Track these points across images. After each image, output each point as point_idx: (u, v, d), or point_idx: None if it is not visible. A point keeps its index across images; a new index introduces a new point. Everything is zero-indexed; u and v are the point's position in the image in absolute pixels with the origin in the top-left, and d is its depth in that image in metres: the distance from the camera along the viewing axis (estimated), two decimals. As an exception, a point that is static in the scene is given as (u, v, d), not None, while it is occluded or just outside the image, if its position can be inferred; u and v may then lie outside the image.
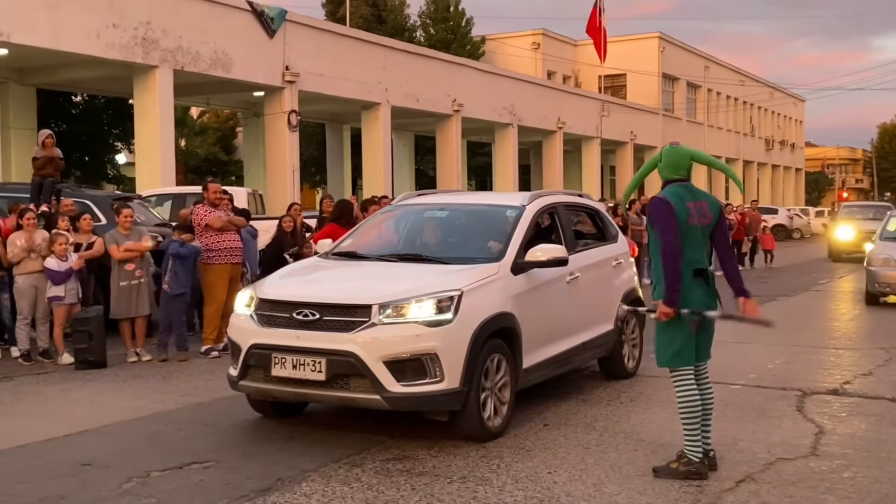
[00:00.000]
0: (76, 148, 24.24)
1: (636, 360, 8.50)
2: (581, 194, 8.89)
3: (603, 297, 7.92)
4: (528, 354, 6.56)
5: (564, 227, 7.56)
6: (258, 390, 6.26)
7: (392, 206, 8.26)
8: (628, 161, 40.03)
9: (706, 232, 5.49)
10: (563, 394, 7.76)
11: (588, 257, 7.76)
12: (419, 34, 40.05)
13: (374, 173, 25.36)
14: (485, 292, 6.18)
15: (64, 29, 16.60)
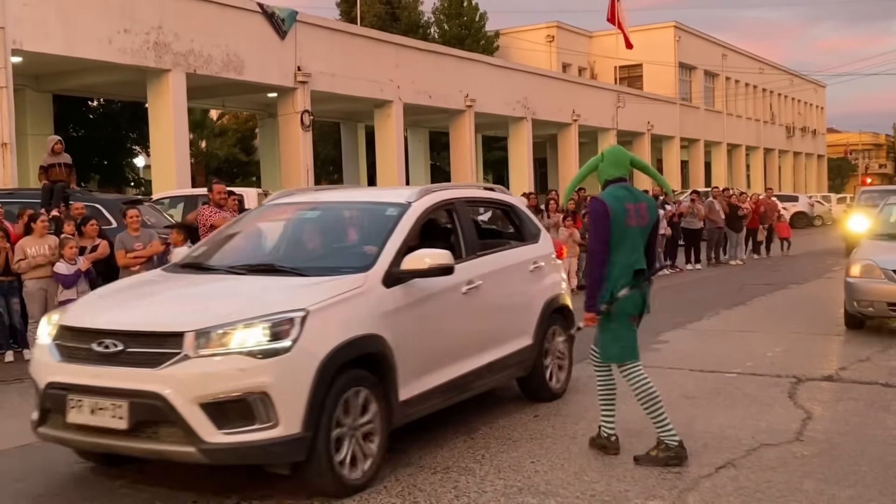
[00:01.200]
0: (95, 152, 24.63)
1: (564, 380, 7.30)
2: (493, 187, 7.66)
3: (517, 307, 6.76)
4: (408, 384, 5.42)
5: (464, 228, 6.42)
6: (57, 439, 5.07)
7: (262, 206, 6.97)
8: (646, 152, 39.92)
9: (644, 233, 5.67)
10: (558, 385, 7.85)
11: (496, 262, 6.59)
12: (433, 30, 40.17)
13: (389, 170, 25.52)
14: (341, 311, 5.04)
15: (76, 35, 16.87)
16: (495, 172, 42.00)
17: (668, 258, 19.75)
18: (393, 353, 5.26)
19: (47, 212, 11.41)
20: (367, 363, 5.14)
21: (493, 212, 8.22)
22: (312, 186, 7.86)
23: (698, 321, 11.82)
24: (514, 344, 6.65)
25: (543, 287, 7.13)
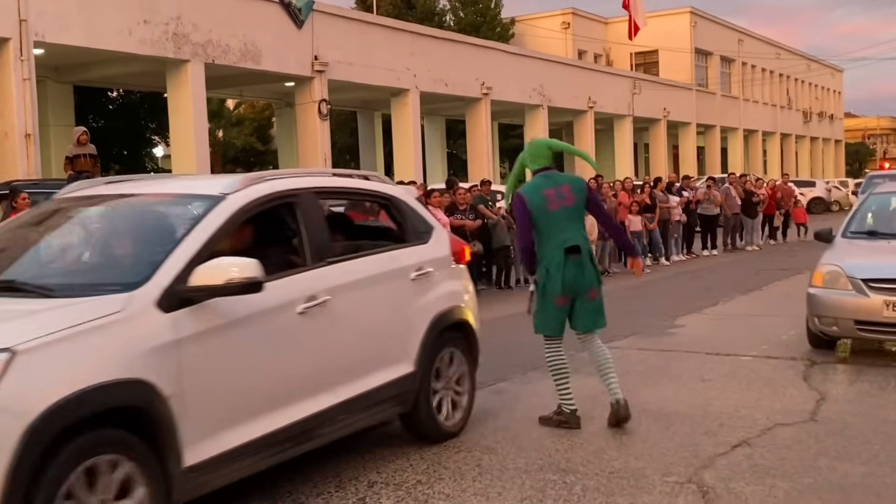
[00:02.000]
0: (114, 143, 24.87)
1: (462, 416, 5.96)
2: (368, 174, 6.18)
3: (389, 327, 5.41)
4: (199, 442, 4.08)
5: (310, 228, 5.05)
6: None
7: (50, 200, 5.51)
8: (662, 138, 39.90)
9: (574, 212, 6.07)
10: (576, 370, 8.01)
11: (356, 270, 5.21)
12: (448, 18, 40.21)
13: (406, 159, 25.66)
14: (78, 348, 3.67)
15: (97, 27, 17.07)
16: (512, 160, 42.08)
17: (685, 244, 19.86)
18: (169, 404, 3.89)
19: (73, 201, 11.65)
20: (125, 420, 3.78)
21: (357, 207, 7.19)
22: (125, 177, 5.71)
23: (714, 306, 11.95)
24: (384, 374, 5.28)
25: (431, 300, 5.71)
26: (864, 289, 7.78)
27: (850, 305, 7.88)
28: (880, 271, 7.87)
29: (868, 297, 7.74)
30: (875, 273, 7.86)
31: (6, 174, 15.69)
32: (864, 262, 8.13)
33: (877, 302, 7.68)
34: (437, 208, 12.70)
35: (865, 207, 9.58)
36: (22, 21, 15.81)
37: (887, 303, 7.65)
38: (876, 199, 9.67)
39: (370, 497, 4.83)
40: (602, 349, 6.19)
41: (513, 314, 12.10)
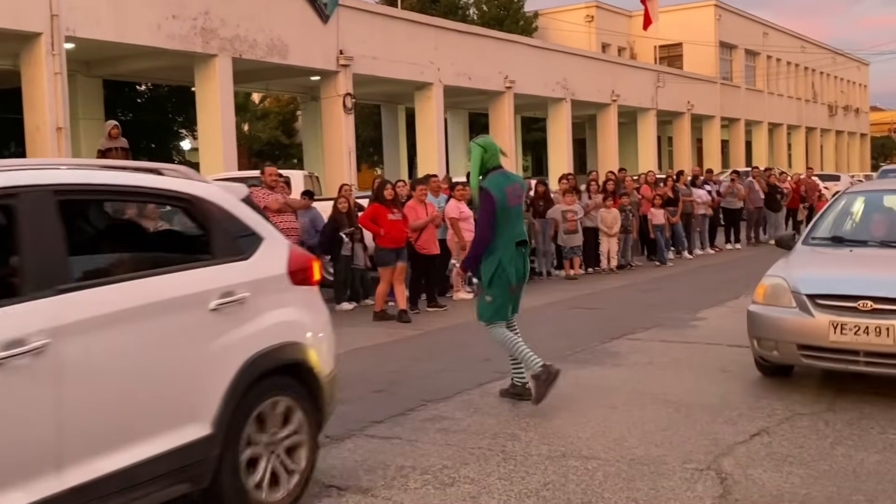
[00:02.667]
0: (143, 136, 25.21)
1: (294, 487, 4.57)
2: (161, 167, 4.59)
3: (168, 376, 3.99)
4: None
5: (36, 241, 3.63)
6: None
7: None
8: (686, 131, 39.82)
9: (520, 209, 6.78)
10: (598, 360, 8.17)
11: (106, 300, 3.78)
12: (472, 12, 40.29)
13: (429, 152, 25.83)
14: None
15: (126, 22, 17.34)
16: (534, 153, 42.17)
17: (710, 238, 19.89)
18: None
19: (106, 194, 11.90)
20: None
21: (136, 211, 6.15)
22: None
23: (736, 299, 12.01)
24: (158, 442, 3.90)
25: (246, 336, 4.32)
26: (808, 306, 6.47)
27: (791, 326, 6.55)
28: (830, 286, 6.58)
29: (812, 317, 6.42)
30: (824, 287, 6.56)
31: (39, 167, 16.03)
32: (813, 275, 6.86)
33: (822, 323, 6.35)
34: (461, 201, 12.85)
35: (834, 209, 8.03)
36: (53, 16, 16.10)
37: (834, 324, 6.30)
38: (848, 200, 8.16)
39: (397, 480, 5.00)
40: (519, 332, 6.82)
41: (537, 306, 12.28)
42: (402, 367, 8.16)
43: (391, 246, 10.91)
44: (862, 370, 6.39)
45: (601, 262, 16.01)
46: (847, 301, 6.36)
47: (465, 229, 12.79)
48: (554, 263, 15.78)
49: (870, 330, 6.21)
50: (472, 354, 8.60)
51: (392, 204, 11.05)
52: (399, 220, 11.02)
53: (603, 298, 12.75)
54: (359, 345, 9.33)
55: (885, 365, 6.27)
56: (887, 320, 6.18)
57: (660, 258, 17.28)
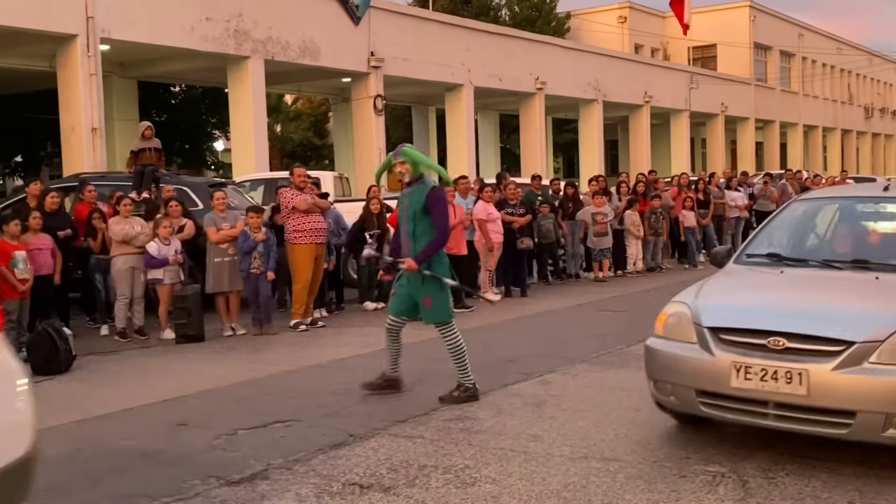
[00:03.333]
0: (176, 136, 25.48)
1: None
2: None
3: None
4: None
5: None
6: None
7: None
8: (719, 133, 39.51)
9: None
10: (623, 363, 8.16)
11: None
12: (504, 13, 40.29)
13: (459, 154, 25.87)
14: None
15: (161, 24, 17.55)
16: (566, 155, 42.04)
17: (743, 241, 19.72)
18: None
19: (138, 194, 12.07)
20: None
21: None
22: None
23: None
24: None
25: None
26: (709, 342, 5.12)
27: (688, 367, 5.23)
28: (737, 317, 5.20)
29: (712, 356, 5.09)
30: (730, 319, 5.19)
31: (73, 167, 16.27)
32: (721, 302, 5.52)
33: (723, 363, 5.02)
34: (489, 203, 12.87)
35: (779, 220, 6.63)
36: (89, 18, 16.33)
37: (738, 366, 4.96)
38: (798, 208, 6.74)
39: (420, 479, 5.04)
40: None
41: (565, 307, 12.26)
42: (426, 367, 8.18)
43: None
44: (771, 425, 5.02)
45: (627, 265, 15.96)
46: (755, 337, 4.97)
47: (493, 231, 12.81)
48: (583, 265, 15.75)
49: (779, 375, 4.82)
50: (496, 355, 8.62)
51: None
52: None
53: (631, 301, 12.71)
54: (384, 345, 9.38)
55: (798, 420, 4.88)
56: (801, 363, 4.79)
57: (690, 261, 17.19)
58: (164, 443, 5.94)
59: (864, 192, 7.55)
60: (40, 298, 9.63)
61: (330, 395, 7.18)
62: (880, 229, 6.37)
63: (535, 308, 12.26)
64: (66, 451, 5.80)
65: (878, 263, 5.68)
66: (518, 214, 13.68)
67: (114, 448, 5.85)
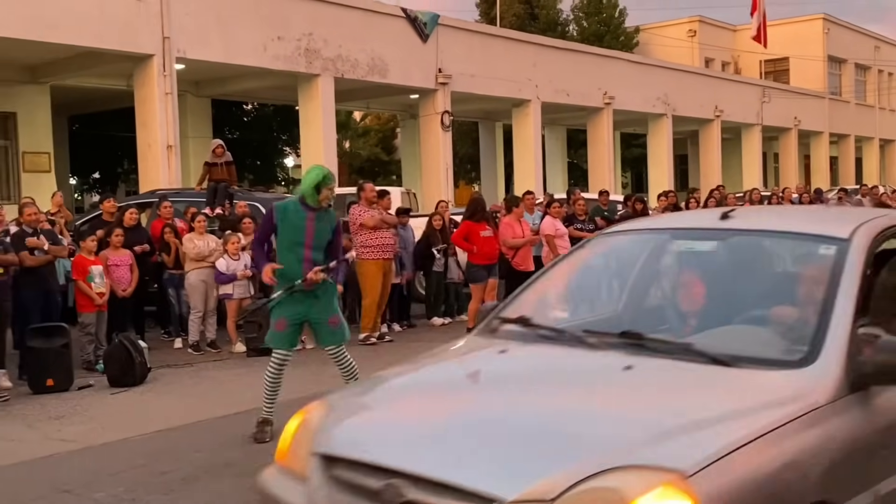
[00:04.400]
0: (248, 153, 25.97)
1: None
2: None
3: None
4: None
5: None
6: None
7: None
8: (792, 148, 38.76)
9: None
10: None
11: None
12: (572, 28, 40.22)
13: (526, 169, 25.85)
14: None
15: (234, 44, 17.95)
16: (634, 170, 41.70)
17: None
18: None
19: (212, 210, 12.33)
20: None
21: None
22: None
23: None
24: None
25: None
26: (320, 483, 3.23)
27: None
28: (356, 440, 3.27)
29: None
30: (346, 444, 3.27)
31: (149, 184, 16.71)
32: (353, 410, 3.60)
33: None
34: (556, 218, 12.84)
35: (566, 264, 4.82)
36: (165, 38, 16.78)
37: None
38: (596, 247, 4.80)
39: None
40: None
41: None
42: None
43: (483, 262, 10.98)
44: None
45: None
46: (370, 476, 3.06)
47: (561, 246, 12.76)
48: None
49: None
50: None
51: (484, 221, 11.13)
52: (491, 237, 11.08)
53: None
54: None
55: None
56: None
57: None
58: (237, 455, 6.05)
59: (691, 221, 5.08)
60: (117, 312, 9.90)
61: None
62: (690, 280, 4.33)
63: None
64: (142, 461, 5.95)
65: (653, 339, 3.67)
66: (587, 230, 13.61)
67: (187, 459, 5.98)
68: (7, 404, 7.90)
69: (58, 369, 8.52)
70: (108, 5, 15.87)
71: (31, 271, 9.19)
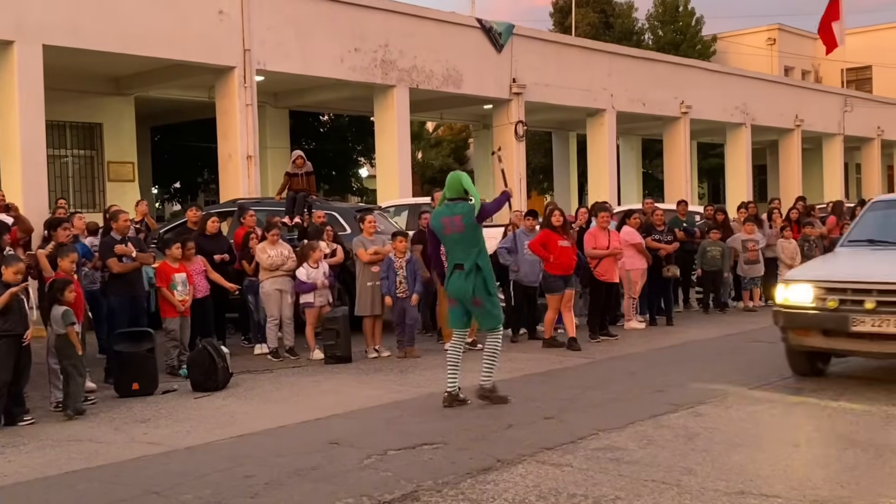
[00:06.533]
0: (324, 163, 26.28)
1: None
2: None
3: None
4: None
5: None
6: None
7: None
8: (875, 158, 37.66)
9: (461, 237, 7.58)
10: (777, 397, 7.85)
11: None
12: (647, 37, 39.81)
13: (600, 179, 25.63)
14: None
15: (312, 56, 18.21)
16: (711, 180, 41.02)
17: None
18: None
19: (290, 219, 12.50)
20: None
21: None
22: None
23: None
24: None
25: None
26: None
27: None
28: None
29: None
30: None
31: (230, 193, 17.04)
32: None
33: None
34: (634, 229, 12.69)
35: None
36: (246, 51, 17.11)
37: None
38: None
39: (570, 508, 4.96)
40: (489, 342, 7.70)
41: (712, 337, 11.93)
42: (572, 394, 8.12)
43: (560, 273, 10.88)
44: None
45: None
46: None
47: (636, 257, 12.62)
48: (732, 294, 15.27)
49: None
50: (643, 385, 8.46)
51: (562, 230, 11.04)
52: (568, 247, 10.98)
53: (783, 331, 12.20)
54: (530, 371, 9.40)
55: None
56: None
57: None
58: (318, 460, 6.10)
59: None
60: (200, 319, 10.09)
61: (475, 418, 7.21)
62: None
63: (682, 337, 11.97)
64: (226, 465, 6.04)
65: None
66: (665, 241, 13.44)
67: (270, 464, 6.05)
68: (94, 407, 8.10)
69: (143, 373, 8.72)
70: (191, 19, 16.26)
71: (119, 277, 9.45)
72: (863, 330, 7.61)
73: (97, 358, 9.77)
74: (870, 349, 7.81)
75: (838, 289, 7.86)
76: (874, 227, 9.41)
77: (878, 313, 7.54)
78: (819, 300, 7.89)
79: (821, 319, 7.89)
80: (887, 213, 9.66)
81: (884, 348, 7.69)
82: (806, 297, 8.02)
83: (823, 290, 7.90)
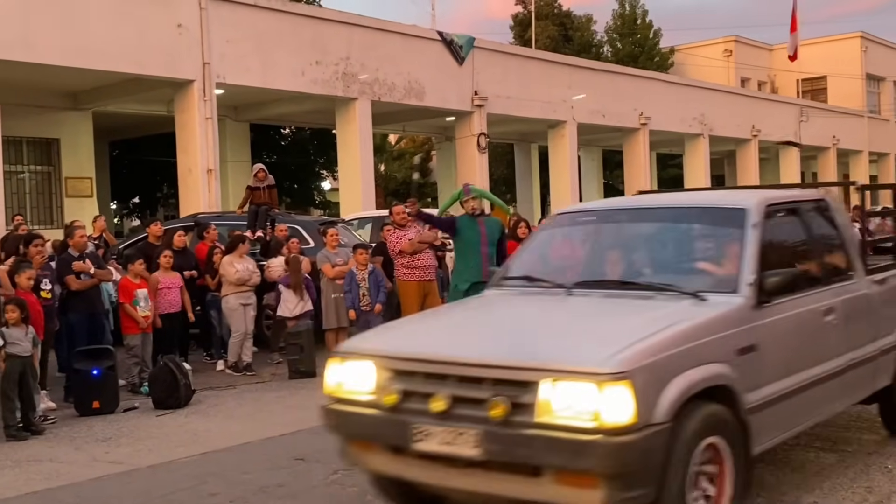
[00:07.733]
0: (286, 176, 26.14)
1: None
2: None
3: None
4: None
5: None
6: None
7: None
8: (831, 167, 38.31)
9: None
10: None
11: None
12: (606, 49, 40.19)
13: (562, 190, 25.79)
14: None
15: (272, 69, 18.12)
16: (671, 190, 41.41)
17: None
18: None
19: (252, 233, 12.40)
20: None
21: None
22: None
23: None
24: None
25: None
26: None
27: None
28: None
29: None
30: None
31: (190, 207, 16.86)
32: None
33: None
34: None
35: None
36: (205, 64, 16.97)
37: None
38: None
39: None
40: None
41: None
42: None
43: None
44: None
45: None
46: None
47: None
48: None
49: None
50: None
51: (523, 241, 11.07)
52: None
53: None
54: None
55: None
56: None
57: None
58: (284, 477, 6.04)
59: None
60: (165, 335, 9.95)
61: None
62: None
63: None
64: (190, 483, 5.96)
65: None
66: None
67: (236, 481, 5.98)
68: (54, 426, 7.97)
69: (104, 391, 8.59)
70: (149, 33, 16.10)
71: (77, 294, 9.30)
72: (427, 449, 4.28)
73: (56, 376, 9.60)
74: (443, 482, 4.46)
75: (406, 371, 4.49)
76: (539, 256, 6.04)
77: (452, 419, 4.19)
78: (382, 390, 4.52)
79: (380, 425, 4.52)
80: (569, 234, 6.12)
81: (454, 481, 4.38)
82: (366, 383, 4.61)
83: (391, 372, 4.52)
